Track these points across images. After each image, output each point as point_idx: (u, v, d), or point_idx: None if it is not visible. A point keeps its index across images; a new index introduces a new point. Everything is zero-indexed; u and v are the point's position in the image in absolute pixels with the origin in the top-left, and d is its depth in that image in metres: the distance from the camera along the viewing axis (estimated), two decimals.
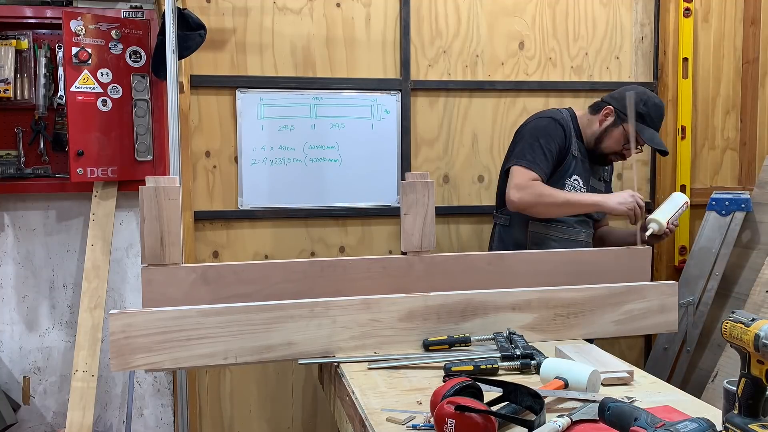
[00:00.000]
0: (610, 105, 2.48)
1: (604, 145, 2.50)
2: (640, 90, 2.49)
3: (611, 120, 2.47)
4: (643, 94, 2.46)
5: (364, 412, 1.44)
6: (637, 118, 2.40)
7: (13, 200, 2.83)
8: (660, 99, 2.51)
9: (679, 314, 2.85)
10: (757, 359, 1.11)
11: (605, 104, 2.50)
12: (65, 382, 2.86)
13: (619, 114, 2.45)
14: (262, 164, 2.90)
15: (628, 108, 2.35)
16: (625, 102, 2.41)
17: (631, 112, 2.34)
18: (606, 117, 2.48)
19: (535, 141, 2.41)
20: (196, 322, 1.68)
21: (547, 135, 2.42)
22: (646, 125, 2.43)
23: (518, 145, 2.46)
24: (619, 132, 2.46)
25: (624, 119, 2.43)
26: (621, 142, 2.47)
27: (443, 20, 3.03)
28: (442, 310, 1.84)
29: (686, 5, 3.14)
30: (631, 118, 2.34)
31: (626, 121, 2.41)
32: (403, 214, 2.10)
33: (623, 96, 2.44)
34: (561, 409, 1.41)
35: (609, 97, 2.53)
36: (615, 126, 2.47)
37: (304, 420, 3.03)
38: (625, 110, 2.40)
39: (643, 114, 2.42)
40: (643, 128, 2.42)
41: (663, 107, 2.50)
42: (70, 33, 2.65)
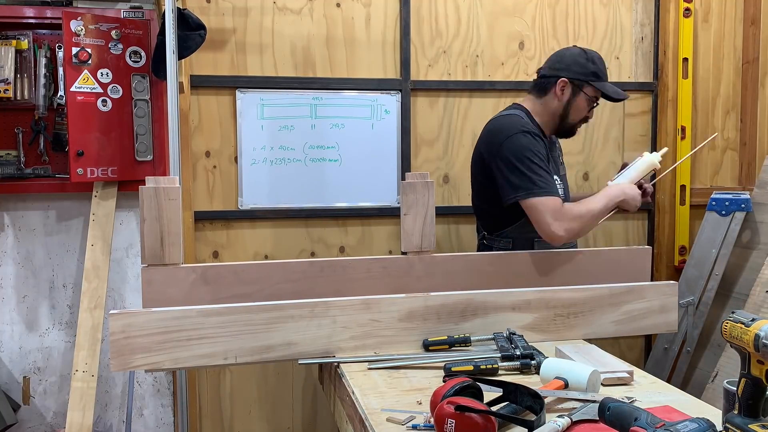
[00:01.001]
0: (561, 77, 2.34)
1: (571, 118, 2.39)
2: (576, 50, 2.39)
3: (570, 90, 2.35)
4: (582, 53, 2.37)
5: (364, 412, 1.44)
6: (593, 78, 2.33)
7: (13, 200, 2.83)
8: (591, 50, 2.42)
9: (679, 314, 2.85)
10: (757, 359, 1.11)
11: (554, 78, 2.36)
12: (65, 382, 2.86)
13: (574, 82, 2.34)
14: (262, 164, 2.90)
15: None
16: (575, 68, 2.34)
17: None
18: (562, 90, 2.35)
19: (532, 163, 2.22)
20: (196, 322, 1.68)
21: (535, 151, 2.24)
22: (602, 81, 2.36)
23: (513, 174, 2.23)
24: (582, 99, 2.36)
25: (581, 85, 2.34)
26: (585, 109, 2.38)
27: (443, 20, 3.03)
28: (442, 310, 1.84)
29: (686, 5, 3.14)
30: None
31: (586, 86, 2.33)
32: (403, 214, 2.10)
33: (568, 63, 2.35)
34: (561, 409, 1.41)
35: (552, 70, 2.38)
36: (576, 95, 2.35)
37: (304, 420, 3.03)
38: (579, 77, 2.33)
39: (596, 72, 2.34)
40: (603, 85, 2.35)
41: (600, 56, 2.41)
42: (70, 33, 2.65)
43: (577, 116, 2.39)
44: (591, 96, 2.36)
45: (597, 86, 2.34)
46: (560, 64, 2.38)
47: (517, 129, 2.28)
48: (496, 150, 2.28)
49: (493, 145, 2.31)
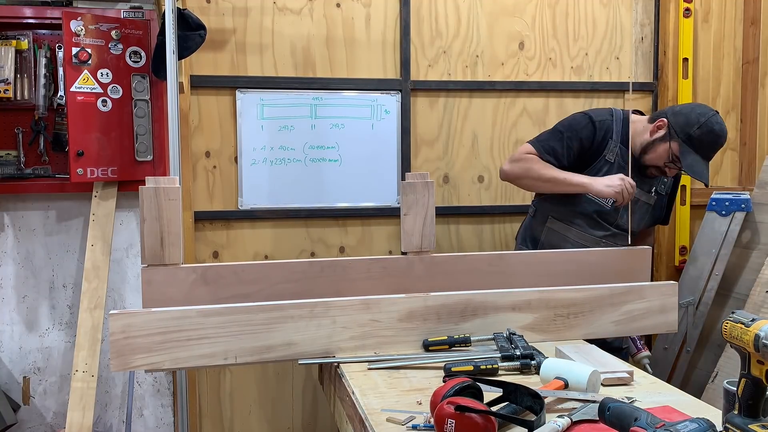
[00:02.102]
0: (665, 118, 2.36)
1: (648, 157, 2.39)
2: (704, 111, 2.34)
3: (662, 133, 2.35)
4: (703, 116, 2.31)
5: (364, 412, 1.44)
6: (686, 139, 2.30)
7: (13, 200, 2.83)
8: (722, 127, 2.33)
9: (679, 314, 2.84)
10: (757, 359, 1.11)
11: (663, 115, 2.39)
12: (65, 382, 2.86)
13: (671, 130, 2.33)
14: (262, 164, 2.90)
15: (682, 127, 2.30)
16: (681, 119, 2.32)
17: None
18: (658, 129, 2.37)
19: (559, 131, 2.42)
20: (196, 322, 1.68)
21: (573, 130, 2.40)
22: (692, 150, 2.30)
23: (550, 129, 2.48)
24: (664, 148, 2.35)
25: (674, 136, 2.32)
26: (663, 159, 2.36)
27: (443, 20, 3.03)
28: (442, 310, 1.84)
29: (686, 5, 3.14)
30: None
31: (674, 139, 2.31)
32: (403, 214, 2.10)
33: (683, 112, 2.35)
34: (561, 410, 1.40)
35: (670, 110, 2.42)
36: (663, 141, 2.35)
37: (304, 420, 3.03)
38: (677, 127, 2.31)
39: (692, 137, 2.29)
40: (687, 152, 2.30)
41: (722, 136, 2.33)
42: (70, 33, 2.65)
43: (652, 159, 2.39)
44: (673, 153, 2.33)
45: (682, 148, 2.30)
46: (678, 109, 2.41)
47: (589, 112, 2.47)
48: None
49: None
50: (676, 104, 2.48)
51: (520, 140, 3.12)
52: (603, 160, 2.40)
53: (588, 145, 2.39)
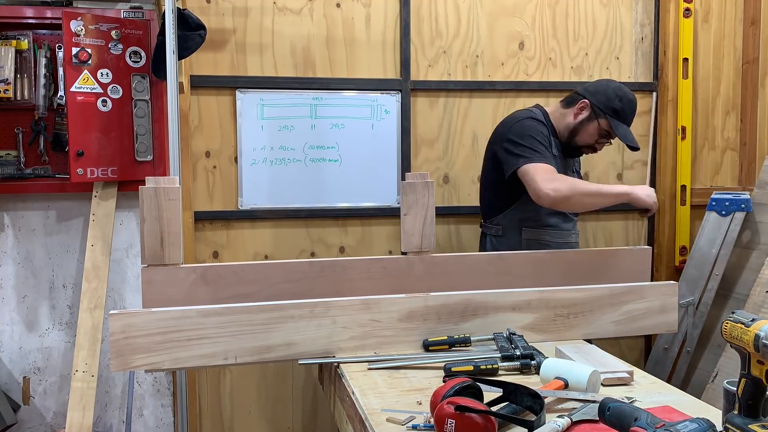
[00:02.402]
0: (586, 99, 2.45)
1: (578, 138, 2.48)
2: (615, 84, 2.48)
3: (586, 114, 2.45)
4: (619, 89, 2.45)
5: (364, 412, 1.44)
6: (612, 113, 2.42)
7: (13, 200, 2.83)
8: (633, 96, 2.49)
9: (679, 314, 2.85)
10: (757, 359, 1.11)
11: (581, 97, 2.47)
12: (65, 382, 2.86)
13: (594, 108, 2.44)
14: (262, 164, 2.90)
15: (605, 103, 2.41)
16: (601, 97, 2.43)
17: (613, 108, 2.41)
18: (581, 110, 2.46)
19: (533, 139, 2.36)
20: (196, 322, 1.68)
21: (539, 133, 2.40)
22: (620, 121, 2.43)
23: (515, 147, 2.36)
24: (594, 126, 2.45)
25: (599, 114, 2.43)
26: (595, 137, 2.47)
27: (443, 20, 3.03)
28: (442, 310, 1.84)
29: (686, 5, 3.14)
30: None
31: (602, 117, 2.43)
32: (403, 214, 2.10)
33: (599, 90, 2.45)
34: (561, 410, 1.40)
35: (584, 90, 2.50)
36: (590, 120, 2.45)
37: (304, 420, 3.03)
38: (601, 105, 2.42)
39: (617, 110, 2.42)
40: (617, 124, 2.42)
41: (636, 103, 2.49)
42: (70, 33, 2.65)
43: (583, 139, 2.48)
44: (603, 128, 2.44)
45: (611, 122, 2.42)
46: (592, 88, 2.49)
47: (525, 116, 2.47)
48: (503, 133, 2.46)
49: (502, 130, 2.49)
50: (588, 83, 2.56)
51: None
52: (551, 155, 2.41)
53: (547, 146, 2.41)
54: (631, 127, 3.25)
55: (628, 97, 2.45)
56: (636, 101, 2.50)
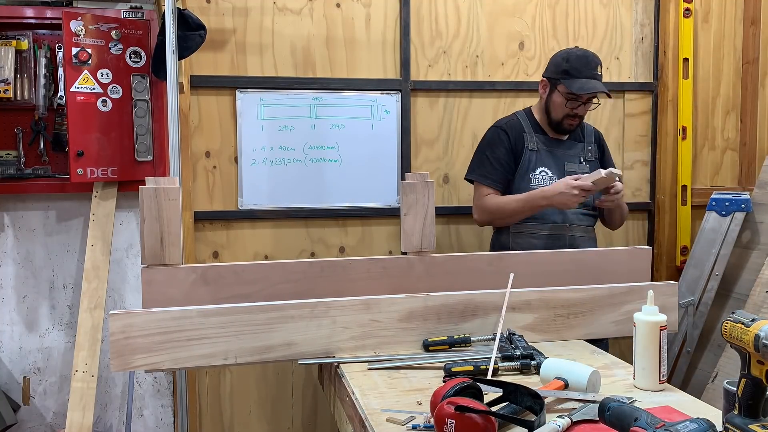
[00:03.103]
0: (542, 78, 2.58)
1: (553, 115, 2.55)
2: (564, 51, 2.56)
3: (547, 89, 2.55)
4: (565, 52, 2.53)
5: (364, 412, 1.44)
6: (564, 74, 2.47)
7: (13, 200, 2.83)
8: (585, 50, 2.53)
9: (680, 314, 2.86)
10: (757, 359, 1.11)
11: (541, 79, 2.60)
12: (65, 382, 2.86)
13: (550, 80, 2.53)
14: (262, 164, 2.90)
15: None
16: (550, 67, 2.54)
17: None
18: (544, 88, 2.57)
19: (482, 154, 2.59)
20: (196, 322, 1.68)
21: (491, 145, 2.58)
22: (573, 78, 2.46)
23: (473, 157, 2.66)
24: (557, 96, 2.51)
25: (555, 83, 2.50)
26: (563, 104, 2.50)
27: (443, 21, 3.03)
28: (442, 310, 1.84)
29: (686, 5, 3.14)
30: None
31: (557, 85, 2.49)
32: (403, 214, 2.10)
33: (550, 62, 2.57)
34: (561, 410, 1.41)
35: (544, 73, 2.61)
36: (551, 92, 2.53)
37: (304, 420, 3.03)
38: (552, 74, 2.51)
39: (567, 69, 2.47)
40: (571, 82, 2.45)
41: (589, 55, 2.50)
42: (70, 33, 2.65)
43: (557, 113, 2.54)
44: (565, 93, 2.48)
45: (565, 83, 2.46)
46: (548, 65, 2.60)
47: (494, 125, 2.65)
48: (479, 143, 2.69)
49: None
50: None
51: None
52: (527, 151, 2.55)
53: (509, 148, 2.55)
54: (631, 126, 3.25)
55: (575, 53, 2.50)
56: (587, 54, 2.50)
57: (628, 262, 2.26)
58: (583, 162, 2.64)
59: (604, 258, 2.24)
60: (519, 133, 2.57)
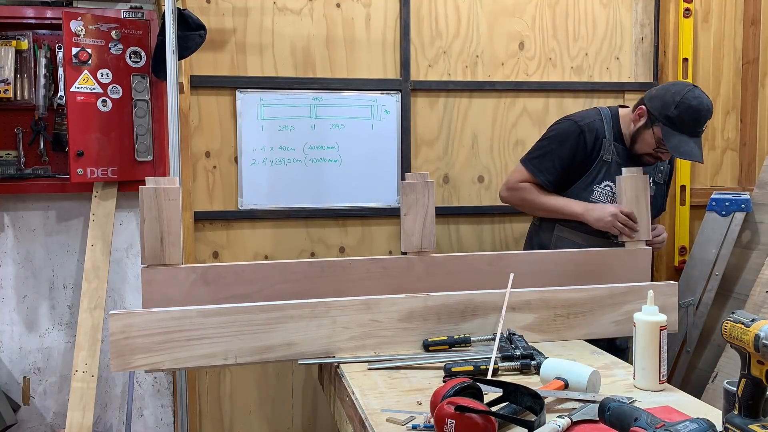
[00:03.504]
0: (644, 105, 2.31)
1: (637, 147, 2.36)
2: (678, 88, 2.27)
3: (643, 121, 2.31)
4: (678, 93, 2.23)
5: (364, 412, 1.44)
6: (666, 121, 2.23)
7: (13, 200, 2.83)
8: (702, 100, 2.25)
9: (680, 315, 2.85)
10: (757, 360, 1.11)
11: (641, 102, 2.34)
12: (65, 382, 2.86)
13: (651, 115, 2.28)
14: (262, 164, 2.90)
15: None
16: (657, 102, 2.26)
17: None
18: (639, 117, 2.32)
19: (550, 145, 2.41)
20: (196, 322, 1.68)
21: (562, 141, 2.37)
22: (675, 131, 2.23)
23: (538, 142, 2.48)
24: (649, 134, 2.30)
25: (654, 121, 2.26)
26: (651, 146, 2.31)
27: (443, 21, 3.03)
28: (442, 310, 1.84)
29: (686, 6, 3.14)
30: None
31: (656, 125, 2.25)
32: (403, 214, 2.10)
33: (658, 95, 2.28)
34: (561, 410, 1.41)
35: (647, 95, 2.35)
36: (646, 128, 2.30)
37: (304, 420, 3.03)
38: (656, 111, 2.25)
39: (672, 118, 2.22)
40: (670, 134, 2.23)
41: (702, 110, 2.24)
42: (70, 33, 2.65)
43: (641, 148, 2.35)
44: (659, 139, 2.27)
45: (663, 131, 2.23)
46: (654, 92, 2.32)
47: (569, 118, 2.46)
48: (556, 123, 2.51)
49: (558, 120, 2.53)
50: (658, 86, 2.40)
51: (520, 140, 3.12)
52: (600, 161, 2.37)
53: (581, 153, 2.35)
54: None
55: (688, 103, 2.21)
56: (704, 108, 2.24)
57: (628, 262, 2.26)
58: (651, 183, 2.43)
59: (604, 258, 2.24)
60: (599, 137, 2.35)
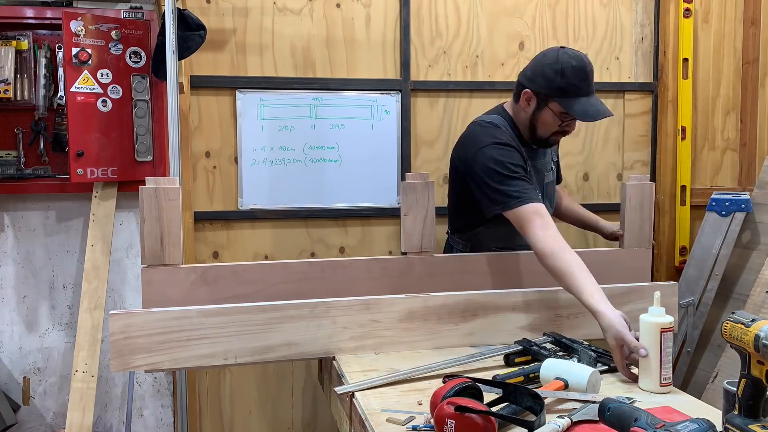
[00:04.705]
0: (527, 89, 2.14)
1: (540, 131, 2.18)
2: (551, 58, 2.11)
3: (534, 104, 2.14)
4: (555, 62, 2.08)
5: (364, 412, 1.44)
6: (560, 94, 2.08)
7: (13, 201, 2.83)
8: (578, 56, 2.10)
9: (680, 315, 2.86)
10: (757, 360, 1.11)
11: (522, 87, 2.17)
12: (65, 382, 2.86)
13: (539, 95, 2.12)
14: (262, 165, 2.90)
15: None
16: (540, 80, 2.10)
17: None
18: (528, 102, 2.15)
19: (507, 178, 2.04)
20: (196, 322, 1.68)
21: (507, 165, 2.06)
22: (571, 98, 2.08)
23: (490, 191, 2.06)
24: (547, 114, 2.13)
25: (546, 99, 2.11)
26: (555, 122, 2.14)
27: (443, 21, 3.03)
28: (442, 310, 1.84)
29: (686, 6, 3.14)
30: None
31: (551, 101, 2.10)
32: (403, 214, 2.10)
33: (536, 73, 2.12)
34: (561, 410, 1.41)
35: (523, 78, 2.18)
36: (540, 109, 2.14)
37: (304, 420, 3.03)
38: (543, 89, 2.09)
39: (562, 87, 2.07)
40: (569, 103, 2.08)
41: (584, 64, 2.09)
42: (70, 33, 2.65)
43: (545, 130, 2.18)
44: (560, 113, 2.12)
45: (562, 103, 2.09)
46: (530, 72, 2.16)
47: (488, 141, 2.12)
48: (470, 163, 2.15)
49: (467, 157, 2.18)
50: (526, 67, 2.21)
51: None
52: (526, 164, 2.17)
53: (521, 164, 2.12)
54: (631, 126, 3.24)
55: (570, 64, 2.07)
56: (583, 62, 2.10)
57: (628, 262, 2.26)
58: (551, 170, 2.37)
59: (604, 258, 2.24)
60: (517, 142, 2.17)
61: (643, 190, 2.24)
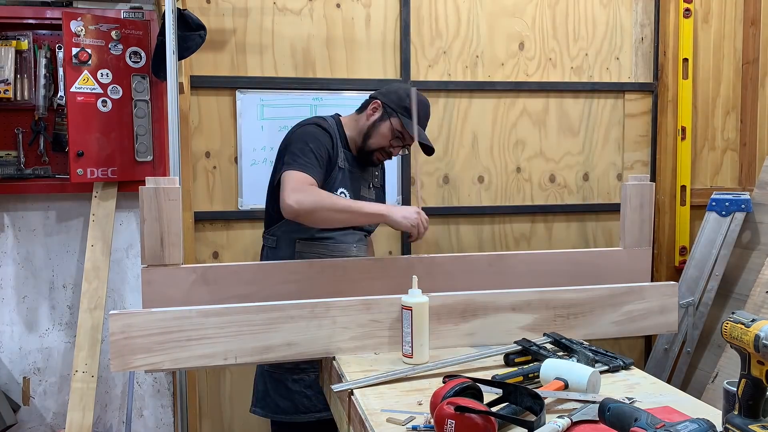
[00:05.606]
0: (378, 99, 2.32)
1: (371, 141, 2.30)
2: (407, 87, 2.36)
3: (379, 114, 2.30)
4: (409, 91, 2.32)
5: (364, 412, 1.43)
6: (404, 112, 2.28)
7: (13, 201, 2.83)
8: (425, 99, 2.36)
9: (680, 315, 2.86)
10: (757, 360, 1.11)
11: (373, 99, 2.34)
12: (65, 382, 2.86)
13: (387, 108, 2.29)
14: (262, 165, 2.90)
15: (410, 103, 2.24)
16: (393, 96, 2.31)
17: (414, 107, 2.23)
18: (374, 111, 2.31)
19: (306, 146, 2.18)
20: (196, 322, 1.68)
21: (316, 140, 2.20)
22: (412, 120, 2.26)
23: (287, 153, 2.19)
24: (386, 126, 2.28)
25: (392, 114, 2.28)
26: (388, 137, 2.29)
27: (443, 21, 3.03)
28: (442, 310, 1.84)
29: (686, 6, 3.14)
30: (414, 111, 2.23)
31: (394, 116, 2.28)
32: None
33: (391, 91, 2.34)
34: (561, 410, 1.40)
35: (377, 93, 2.37)
36: (382, 120, 2.29)
37: None
38: (393, 105, 2.29)
39: (409, 109, 2.27)
40: (410, 124, 2.26)
41: (428, 105, 2.37)
42: (70, 34, 2.65)
43: (376, 142, 2.30)
44: (396, 129, 2.28)
45: (404, 121, 2.27)
46: (385, 90, 2.37)
47: (310, 122, 2.29)
48: (286, 138, 2.27)
49: (287, 136, 2.28)
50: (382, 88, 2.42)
51: (519, 141, 3.12)
52: (337, 167, 2.27)
53: (330, 154, 2.24)
54: (631, 126, 3.25)
55: (421, 99, 2.32)
56: (429, 105, 2.37)
57: (628, 262, 2.26)
58: (371, 188, 2.44)
59: (604, 258, 2.24)
60: (336, 142, 2.28)
61: (643, 190, 2.24)
